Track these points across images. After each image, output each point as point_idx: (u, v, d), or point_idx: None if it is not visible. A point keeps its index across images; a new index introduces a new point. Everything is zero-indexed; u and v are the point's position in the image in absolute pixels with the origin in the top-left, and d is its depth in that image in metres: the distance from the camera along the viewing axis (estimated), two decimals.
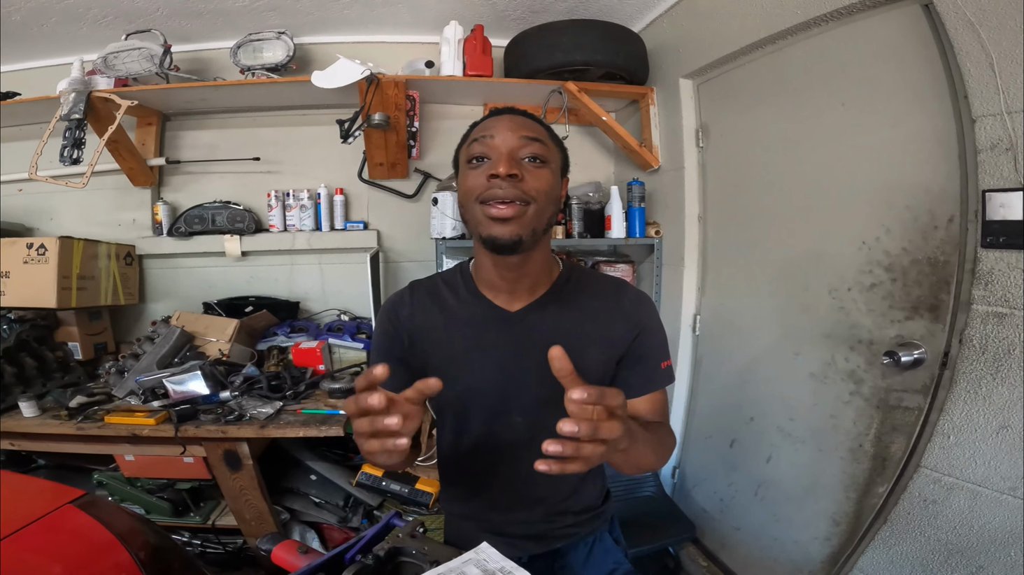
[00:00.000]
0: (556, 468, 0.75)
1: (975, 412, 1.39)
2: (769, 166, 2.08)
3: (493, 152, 1.04)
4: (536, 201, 1.03)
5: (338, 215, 2.85)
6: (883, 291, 1.66)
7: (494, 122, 1.08)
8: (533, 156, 1.04)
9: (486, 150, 1.04)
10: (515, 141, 1.04)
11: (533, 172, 1.03)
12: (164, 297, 2.91)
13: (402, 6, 2.53)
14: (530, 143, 1.04)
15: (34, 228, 2.83)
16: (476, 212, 1.05)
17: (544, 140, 1.07)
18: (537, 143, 1.05)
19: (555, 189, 1.08)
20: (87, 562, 1.21)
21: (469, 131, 1.13)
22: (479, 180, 1.03)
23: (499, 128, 1.05)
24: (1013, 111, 1.26)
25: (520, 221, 1.02)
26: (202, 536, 2.41)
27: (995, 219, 1.31)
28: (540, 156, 1.05)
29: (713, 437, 2.44)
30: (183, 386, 2.10)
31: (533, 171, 1.04)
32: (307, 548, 1.17)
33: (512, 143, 1.04)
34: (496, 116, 1.10)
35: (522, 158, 1.04)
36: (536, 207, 1.03)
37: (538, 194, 1.03)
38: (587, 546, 1.29)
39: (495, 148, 1.04)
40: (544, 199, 1.04)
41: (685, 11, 2.39)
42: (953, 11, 1.36)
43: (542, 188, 1.04)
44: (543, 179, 1.04)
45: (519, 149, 1.04)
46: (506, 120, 1.07)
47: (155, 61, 2.36)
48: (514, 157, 1.03)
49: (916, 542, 1.53)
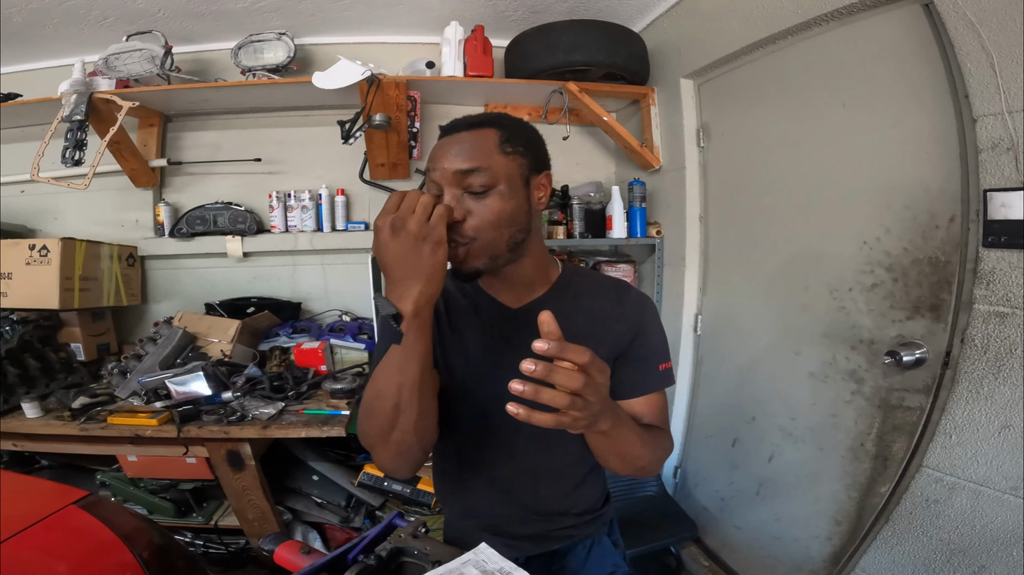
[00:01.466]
0: (523, 413, 0.76)
1: (977, 412, 1.39)
2: (770, 166, 2.08)
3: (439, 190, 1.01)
4: (479, 237, 1.00)
5: (339, 216, 2.85)
6: (884, 291, 1.66)
7: (437, 151, 1.04)
8: (470, 188, 0.99)
9: (437, 187, 1.01)
10: (451, 178, 0.99)
11: (474, 206, 0.99)
12: (166, 298, 2.91)
13: (403, 7, 2.53)
14: (465, 176, 0.99)
15: (36, 229, 2.83)
16: None
17: (483, 164, 0.99)
18: (474, 173, 0.99)
19: (508, 209, 1.01)
20: (91, 562, 1.21)
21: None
22: None
23: (440, 159, 1.02)
24: (1014, 111, 1.26)
25: (470, 259, 1.01)
26: (205, 536, 2.42)
27: (996, 219, 1.31)
28: (480, 185, 0.99)
29: (714, 436, 2.44)
30: (185, 387, 2.10)
31: (473, 205, 0.99)
32: (309, 548, 1.17)
33: (449, 181, 0.99)
34: (441, 140, 1.06)
35: (462, 192, 1.00)
36: (483, 240, 1.00)
37: (479, 230, 0.99)
38: (586, 548, 1.29)
39: (440, 186, 1.01)
40: (490, 228, 1.00)
41: (685, 11, 2.39)
42: (953, 11, 1.36)
43: (486, 220, 0.99)
44: (487, 210, 0.99)
45: (456, 184, 0.99)
46: (446, 148, 1.02)
47: (156, 62, 2.36)
48: (455, 196, 0.99)
49: (918, 542, 1.53)
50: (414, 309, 0.87)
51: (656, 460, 1.10)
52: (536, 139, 1.11)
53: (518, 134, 1.06)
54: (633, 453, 1.02)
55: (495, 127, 1.04)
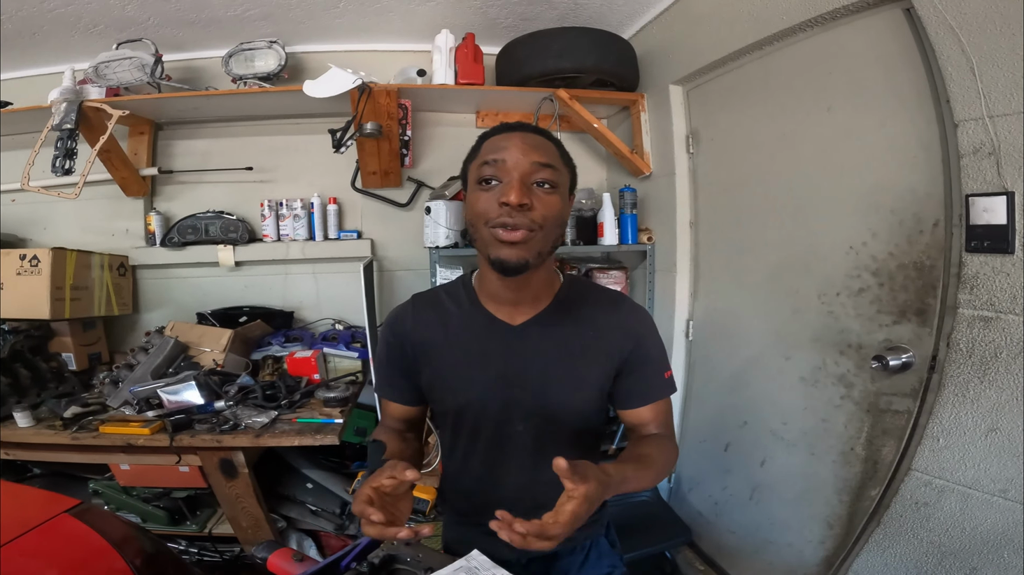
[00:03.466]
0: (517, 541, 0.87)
1: (964, 415, 1.39)
2: (758, 171, 2.10)
3: (504, 176, 1.02)
4: (544, 228, 1.03)
5: (332, 224, 2.85)
6: (871, 295, 1.67)
7: (506, 142, 1.05)
8: (543, 182, 1.03)
9: (497, 173, 1.03)
10: (527, 166, 1.02)
11: (543, 198, 1.03)
12: (158, 307, 2.91)
13: (393, 15, 2.54)
14: (541, 169, 1.03)
15: (27, 239, 2.83)
16: (484, 234, 1.04)
17: (555, 165, 1.06)
18: (548, 169, 1.04)
19: (563, 213, 1.08)
20: (83, 569, 1.22)
21: (479, 143, 1.12)
22: (490, 205, 1.02)
23: (511, 150, 1.03)
24: (995, 115, 1.27)
25: (527, 246, 1.02)
26: (199, 544, 2.41)
27: (979, 223, 1.32)
28: (551, 182, 1.04)
29: (707, 441, 2.45)
30: (177, 396, 2.10)
31: (543, 197, 1.03)
32: (302, 556, 1.18)
33: (524, 168, 1.02)
34: (507, 133, 1.08)
35: (532, 183, 1.03)
36: (543, 233, 1.03)
37: (546, 221, 1.03)
38: (583, 551, 1.31)
39: (507, 172, 1.02)
40: (552, 224, 1.04)
41: (674, 17, 2.41)
42: (933, 15, 1.37)
43: (551, 214, 1.03)
44: (552, 205, 1.04)
45: (530, 174, 1.02)
46: (518, 141, 1.05)
47: (146, 70, 2.37)
48: (525, 183, 1.02)
49: (909, 544, 1.54)
50: None
51: (666, 473, 1.20)
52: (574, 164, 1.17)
53: (566, 154, 1.13)
54: (645, 484, 1.08)
55: (552, 141, 1.11)
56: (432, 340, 1.19)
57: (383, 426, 1.32)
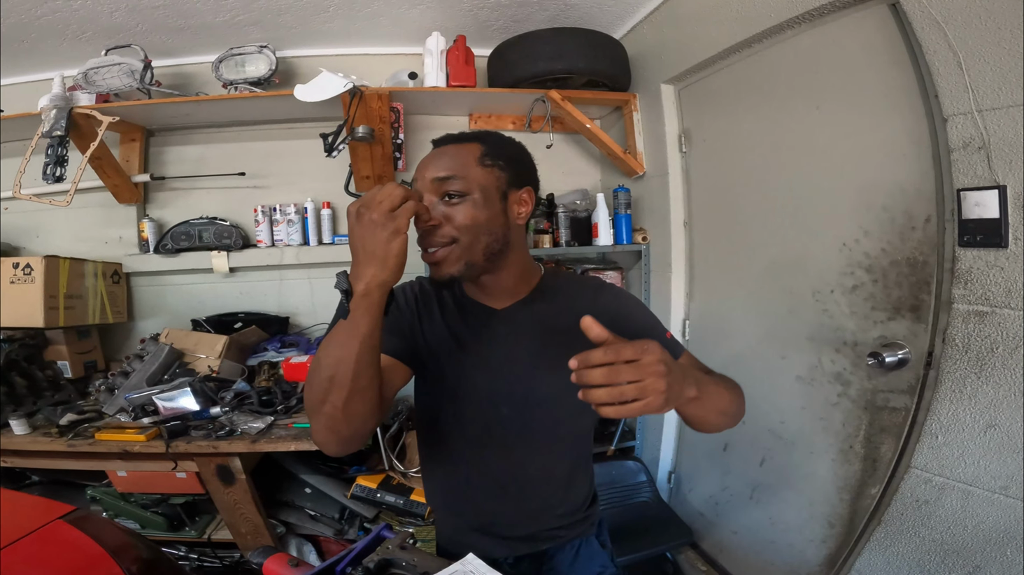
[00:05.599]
0: (607, 406, 0.78)
1: (961, 411, 1.39)
2: (750, 170, 2.10)
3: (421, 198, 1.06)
4: (459, 239, 1.05)
5: (326, 229, 2.85)
6: (865, 292, 1.67)
7: (421, 163, 1.11)
8: (447, 194, 1.06)
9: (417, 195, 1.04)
10: (430, 186, 1.06)
11: (450, 211, 1.05)
12: (153, 314, 2.89)
13: (384, 18, 2.53)
14: (442, 183, 1.06)
15: (20, 247, 2.82)
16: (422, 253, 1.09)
17: (458, 174, 1.06)
18: (449, 180, 1.05)
19: (481, 217, 1.07)
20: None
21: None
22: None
23: (421, 171, 1.09)
24: (984, 109, 1.27)
25: (448, 261, 1.06)
26: (199, 550, 2.40)
27: (971, 218, 1.32)
28: (455, 192, 1.05)
29: (706, 441, 2.44)
30: (173, 402, 2.09)
31: (450, 210, 1.05)
32: (298, 561, 1.17)
33: (428, 188, 1.06)
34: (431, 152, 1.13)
35: (443, 197, 1.06)
36: (461, 244, 1.06)
37: (462, 231, 1.05)
38: (573, 549, 1.30)
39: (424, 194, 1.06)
40: (473, 232, 1.06)
41: (664, 17, 2.41)
42: (919, 10, 1.37)
43: (464, 223, 1.05)
44: (462, 214, 1.05)
45: (436, 191, 1.06)
46: (427, 161, 1.10)
47: (136, 76, 2.36)
48: (431, 203, 1.05)
49: (911, 543, 1.53)
50: (364, 289, 0.89)
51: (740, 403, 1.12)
52: (519, 157, 1.17)
53: (500, 150, 1.12)
54: (725, 403, 1.06)
55: (478, 142, 1.11)
56: (427, 317, 1.21)
57: None
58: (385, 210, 0.88)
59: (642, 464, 2.67)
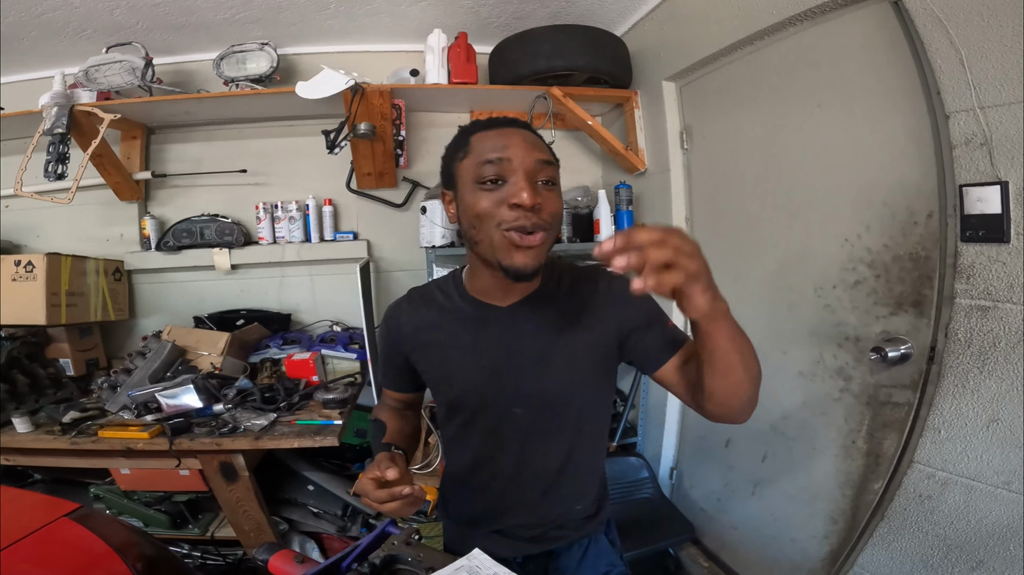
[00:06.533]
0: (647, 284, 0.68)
1: (964, 406, 1.40)
2: (751, 166, 2.10)
3: (511, 176, 0.98)
4: (552, 227, 1.01)
5: (327, 226, 2.85)
6: (867, 288, 1.68)
7: (506, 139, 1.01)
8: (548, 180, 1.01)
9: (502, 172, 0.99)
10: (532, 164, 0.99)
11: (548, 197, 1.00)
12: (154, 312, 2.89)
13: (385, 16, 2.53)
14: (545, 167, 1.00)
15: (21, 245, 2.82)
16: (495, 238, 1.00)
17: (554, 161, 1.04)
18: (551, 167, 1.02)
19: (562, 207, 1.06)
20: (84, 573, 1.21)
21: (465, 139, 1.07)
22: (498, 207, 0.98)
23: (515, 148, 1.00)
24: (986, 106, 1.27)
25: (541, 249, 1.00)
26: (202, 548, 2.41)
27: (973, 213, 1.33)
28: (553, 179, 1.02)
29: (708, 437, 2.45)
30: (176, 400, 2.09)
31: (548, 195, 1.00)
32: (303, 557, 1.17)
33: (529, 167, 0.99)
34: (504, 130, 1.04)
35: (537, 182, 1.00)
36: (552, 232, 1.02)
37: (554, 219, 1.01)
38: (582, 548, 1.29)
39: (513, 172, 0.98)
40: (558, 223, 1.03)
41: (666, 14, 2.41)
42: (921, 8, 1.38)
43: (558, 212, 1.02)
44: (557, 203, 1.02)
45: (536, 173, 0.99)
46: (520, 139, 1.02)
47: (137, 74, 2.36)
48: (533, 183, 0.98)
49: (915, 538, 1.53)
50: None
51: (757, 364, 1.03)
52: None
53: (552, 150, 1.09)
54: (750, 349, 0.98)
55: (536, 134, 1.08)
56: (426, 332, 1.20)
57: (383, 404, 1.37)
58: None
59: (644, 460, 2.67)
